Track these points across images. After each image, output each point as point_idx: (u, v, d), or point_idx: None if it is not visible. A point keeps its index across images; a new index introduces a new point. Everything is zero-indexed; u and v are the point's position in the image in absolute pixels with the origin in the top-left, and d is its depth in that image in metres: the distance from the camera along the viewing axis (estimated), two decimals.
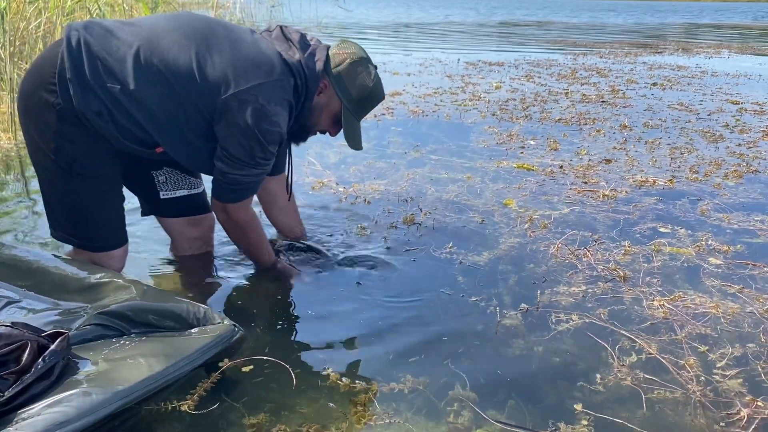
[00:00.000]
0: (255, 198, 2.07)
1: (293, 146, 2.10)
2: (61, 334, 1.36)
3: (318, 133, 2.03)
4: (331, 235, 2.51)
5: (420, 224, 2.67)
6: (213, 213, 2.16)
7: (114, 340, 1.48)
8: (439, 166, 3.59)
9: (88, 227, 1.83)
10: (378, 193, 3.05)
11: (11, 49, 4.32)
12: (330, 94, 1.92)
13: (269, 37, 1.88)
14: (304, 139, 2.04)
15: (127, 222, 1.95)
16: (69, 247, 1.94)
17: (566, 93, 6.33)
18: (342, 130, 1.97)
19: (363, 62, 1.92)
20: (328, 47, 1.93)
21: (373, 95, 1.95)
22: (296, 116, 1.89)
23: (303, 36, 1.90)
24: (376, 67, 1.97)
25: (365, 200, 2.95)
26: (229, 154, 1.77)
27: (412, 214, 2.75)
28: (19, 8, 5.09)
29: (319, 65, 1.85)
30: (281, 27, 1.91)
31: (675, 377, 1.66)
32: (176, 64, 1.71)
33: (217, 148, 1.79)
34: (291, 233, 2.37)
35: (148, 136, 1.77)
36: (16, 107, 4.05)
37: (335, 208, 2.83)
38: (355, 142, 1.97)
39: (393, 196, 3.02)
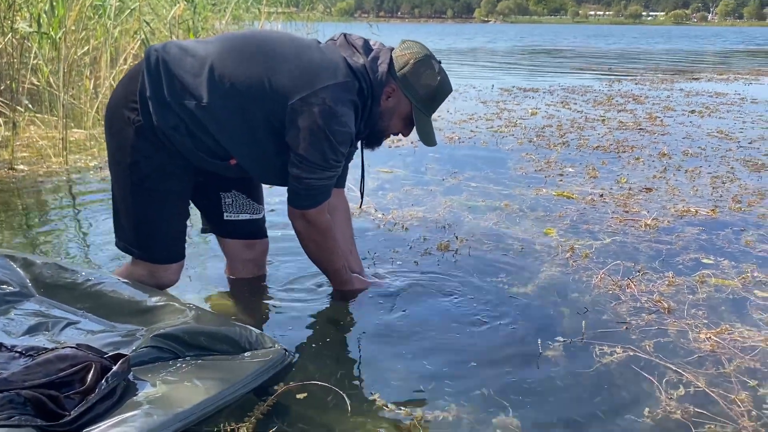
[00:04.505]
0: None
1: (367, 152, 2.14)
2: (123, 356, 1.41)
3: (391, 135, 2.08)
4: (373, 263, 2.55)
5: (456, 251, 2.69)
6: (267, 239, 2.26)
7: (170, 362, 1.52)
8: (476, 193, 3.61)
9: (151, 240, 1.92)
10: (416, 220, 3.09)
11: (64, 77, 4.50)
12: (398, 96, 1.96)
13: (334, 45, 1.96)
14: (379, 144, 2.09)
15: (187, 240, 2.04)
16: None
17: (603, 120, 6.31)
18: (414, 128, 2.01)
19: (426, 60, 1.96)
20: (391, 50, 1.98)
21: (440, 91, 1.98)
22: (366, 120, 1.95)
23: (366, 41, 1.96)
24: (440, 62, 2.00)
25: (403, 227, 2.98)
26: (302, 159, 1.83)
27: (447, 241, 2.78)
28: (69, 37, 5.30)
29: (383, 68, 1.91)
30: (345, 35, 1.98)
31: (725, 411, 1.64)
32: (247, 76, 1.80)
33: (291, 155, 1.85)
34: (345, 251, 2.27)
35: (221, 149, 1.85)
36: (67, 133, 4.25)
37: (373, 235, 2.87)
38: (428, 139, 2.01)
39: (431, 224, 3.05)
